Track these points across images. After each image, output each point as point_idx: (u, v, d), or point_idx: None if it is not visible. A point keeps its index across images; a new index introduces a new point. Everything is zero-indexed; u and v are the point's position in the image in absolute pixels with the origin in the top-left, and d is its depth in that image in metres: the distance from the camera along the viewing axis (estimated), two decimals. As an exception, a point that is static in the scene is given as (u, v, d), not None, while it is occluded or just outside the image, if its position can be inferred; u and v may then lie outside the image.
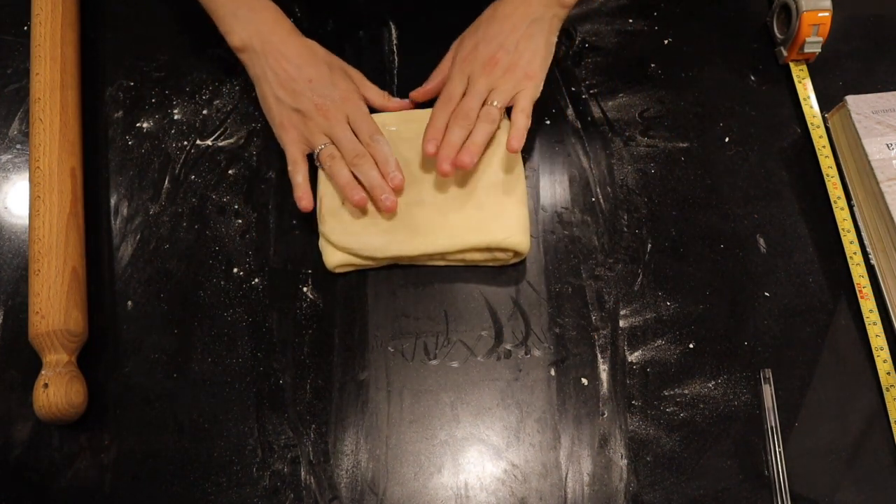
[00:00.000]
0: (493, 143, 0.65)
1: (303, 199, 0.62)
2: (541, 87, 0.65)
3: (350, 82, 0.66)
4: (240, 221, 0.66)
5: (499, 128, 0.64)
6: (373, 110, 0.67)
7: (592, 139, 0.69)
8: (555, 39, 0.66)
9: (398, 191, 0.62)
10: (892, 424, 0.58)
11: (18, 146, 0.70)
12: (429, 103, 0.68)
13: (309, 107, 0.63)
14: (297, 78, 0.63)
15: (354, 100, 0.65)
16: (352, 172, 0.62)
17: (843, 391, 0.60)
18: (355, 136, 0.63)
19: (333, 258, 0.62)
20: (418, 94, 0.68)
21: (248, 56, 0.65)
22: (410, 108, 0.68)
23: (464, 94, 0.64)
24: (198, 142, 0.69)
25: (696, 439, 0.58)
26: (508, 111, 0.64)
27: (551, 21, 0.65)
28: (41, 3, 0.69)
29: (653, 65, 0.73)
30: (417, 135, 0.66)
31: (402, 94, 0.71)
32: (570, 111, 0.71)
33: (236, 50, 0.65)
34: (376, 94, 0.68)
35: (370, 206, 0.62)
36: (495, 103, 0.63)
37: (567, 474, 0.57)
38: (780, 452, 0.57)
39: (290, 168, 0.63)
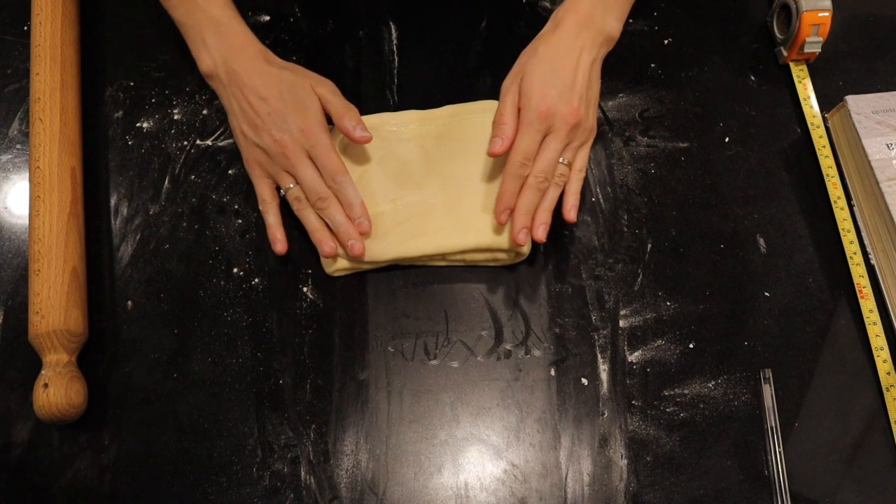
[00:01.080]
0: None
1: (276, 241, 0.61)
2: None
3: (314, 111, 0.60)
4: (240, 221, 0.66)
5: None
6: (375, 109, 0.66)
7: (592, 139, 0.69)
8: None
9: (365, 235, 0.60)
10: (892, 424, 0.58)
11: (18, 146, 0.70)
12: (429, 103, 0.68)
13: (269, 143, 0.59)
14: (259, 111, 0.59)
15: (314, 133, 0.59)
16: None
17: (843, 391, 0.60)
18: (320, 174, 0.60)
19: (332, 263, 0.62)
20: (498, 150, 0.59)
21: (216, 84, 0.62)
22: (368, 142, 0.61)
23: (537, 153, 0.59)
24: (198, 142, 0.69)
25: (696, 439, 0.58)
26: None
27: (601, 60, 0.62)
28: (41, 3, 0.69)
29: (653, 65, 0.73)
30: (417, 135, 0.66)
31: (403, 94, 0.71)
32: (570, 111, 0.71)
33: (205, 77, 0.63)
34: (337, 110, 0.61)
35: (370, 210, 0.62)
36: (563, 160, 0.60)
37: (567, 474, 0.57)
38: (780, 452, 0.57)
39: (260, 207, 0.62)
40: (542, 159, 0.59)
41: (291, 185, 0.60)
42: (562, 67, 0.59)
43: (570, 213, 0.60)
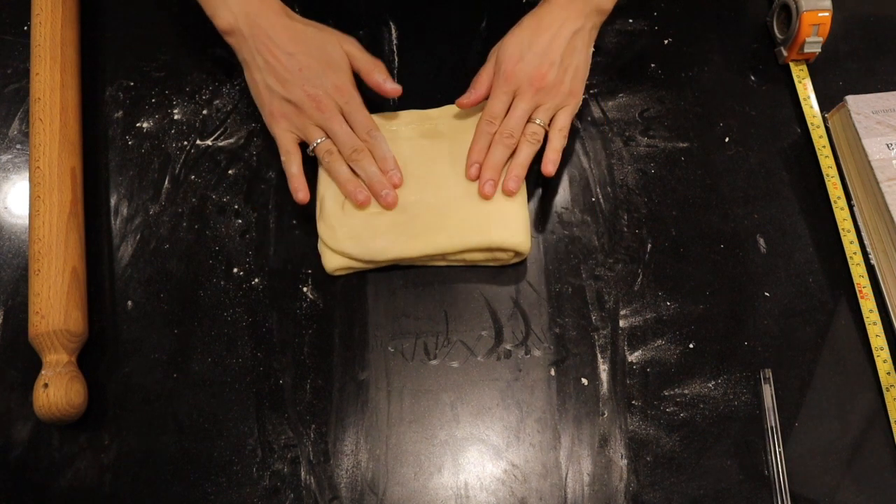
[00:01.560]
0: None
1: (299, 190, 0.62)
2: (580, 104, 0.65)
3: (345, 68, 0.62)
4: (240, 221, 0.66)
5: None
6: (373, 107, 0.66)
7: (592, 139, 0.69)
8: (591, 52, 0.65)
9: (396, 187, 0.62)
10: (892, 424, 0.58)
11: (18, 146, 0.70)
12: (429, 103, 0.68)
13: (301, 98, 0.60)
14: (288, 66, 0.60)
15: (348, 90, 0.62)
16: (350, 168, 0.62)
17: (843, 391, 0.60)
18: (351, 129, 0.62)
19: (333, 262, 0.62)
20: (464, 101, 0.64)
21: (236, 40, 0.62)
22: (398, 94, 0.64)
23: (507, 111, 0.62)
24: (198, 142, 0.69)
25: (696, 439, 0.58)
26: None
27: (591, 32, 0.64)
28: (41, 3, 0.69)
29: (653, 65, 0.73)
30: (417, 134, 0.66)
31: (403, 94, 0.71)
32: (570, 111, 0.71)
33: (223, 33, 0.62)
34: (366, 66, 0.63)
35: (370, 209, 0.62)
36: (538, 121, 0.62)
37: (567, 474, 0.57)
38: (780, 452, 0.57)
39: (283, 158, 0.63)
40: (509, 118, 0.62)
41: (321, 140, 0.61)
42: (539, 35, 0.62)
43: (548, 166, 0.62)
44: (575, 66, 0.63)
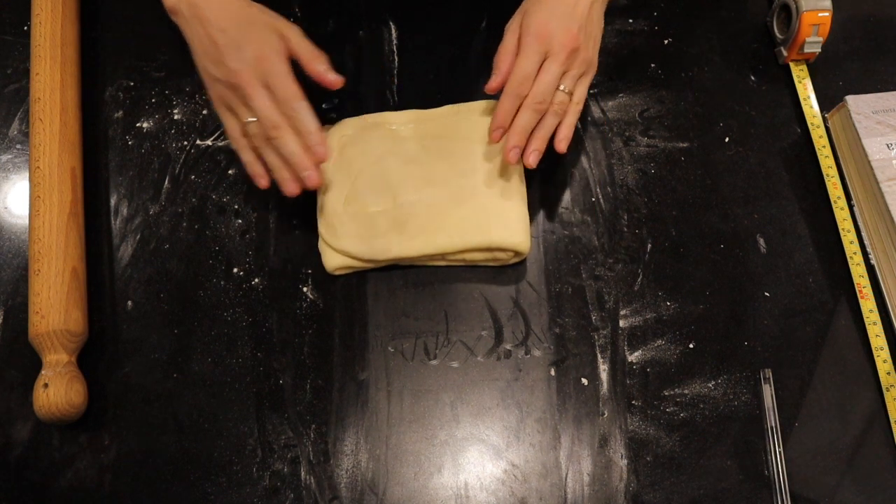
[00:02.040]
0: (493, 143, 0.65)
1: (258, 177, 0.59)
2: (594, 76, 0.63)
3: (273, 41, 0.57)
4: (240, 221, 0.66)
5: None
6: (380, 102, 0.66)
7: (592, 139, 0.69)
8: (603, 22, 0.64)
9: (321, 162, 0.58)
10: (892, 424, 0.58)
11: (18, 146, 0.70)
12: (429, 103, 0.68)
13: (228, 74, 0.56)
14: (219, 43, 0.56)
15: (271, 60, 0.56)
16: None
17: (843, 391, 0.60)
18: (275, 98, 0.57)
19: (333, 261, 0.62)
20: (494, 84, 0.61)
21: (179, 21, 0.59)
22: (341, 85, 0.59)
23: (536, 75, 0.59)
24: (198, 142, 0.69)
25: (696, 439, 0.58)
26: None
27: (602, 5, 0.63)
28: (41, 3, 0.69)
29: (653, 65, 0.73)
30: (417, 134, 0.66)
31: (403, 94, 0.71)
32: (570, 111, 0.71)
33: (168, 12, 0.59)
34: (306, 54, 0.59)
35: (370, 209, 0.62)
36: (563, 87, 0.60)
37: (567, 474, 0.57)
38: (780, 452, 0.57)
39: (232, 146, 0.60)
40: (540, 81, 0.59)
41: (250, 119, 0.57)
42: (562, 3, 0.60)
43: (562, 143, 0.60)
44: (594, 35, 0.62)
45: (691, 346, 0.61)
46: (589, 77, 0.62)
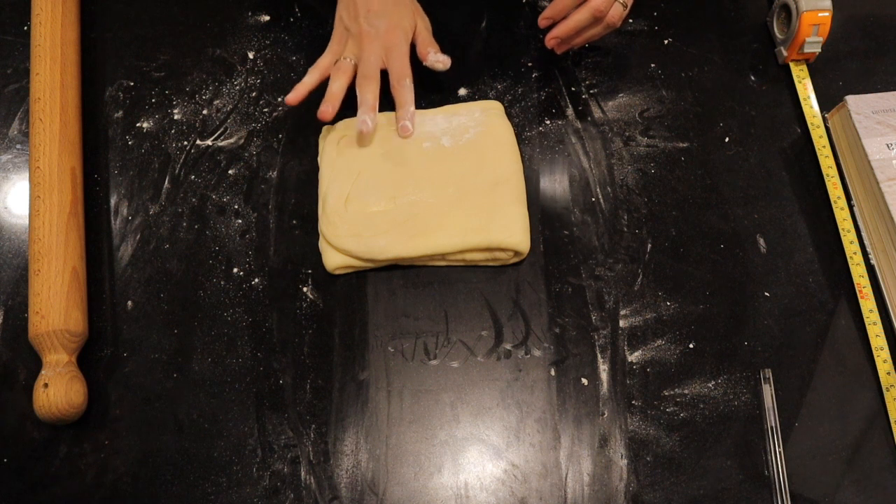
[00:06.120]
0: (493, 143, 0.65)
1: (295, 92, 0.65)
2: None
3: (402, 27, 0.66)
4: (240, 221, 0.66)
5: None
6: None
7: (592, 139, 0.69)
8: None
9: (403, 133, 0.65)
10: (892, 424, 0.58)
11: (18, 146, 0.70)
12: (429, 103, 0.68)
13: (356, 31, 0.65)
14: (361, 4, 0.65)
15: (398, 36, 0.65)
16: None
17: (843, 391, 0.60)
18: (387, 71, 0.65)
19: (333, 260, 0.62)
20: (548, 15, 0.66)
21: None
22: (446, 68, 0.67)
23: None
24: (198, 142, 0.69)
25: (696, 439, 0.58)
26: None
27: None
28: (41, 3, 0.69)
29: (653, 65, 0.73)
30: (417, 134, 0.66)
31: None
32: (570, 111, 0.71)
33: None
34: (424, 40, 0.68)
35: (370, 208, 0.62)
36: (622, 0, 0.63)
37: (567, 474, 0.57)
38: (780, 452, 0.57)
39: (311, 69, 0.66)
40: None
41: (349, 59, 0.65)
42: None
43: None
44: None
45: (691, 346, 0.61)
46: None
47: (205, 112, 0.70)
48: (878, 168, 0.63)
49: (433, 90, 0.71)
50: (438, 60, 0.67)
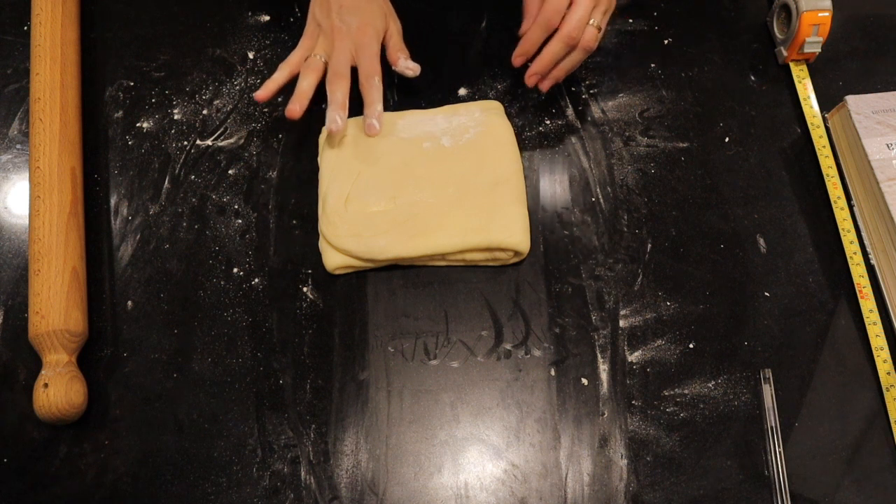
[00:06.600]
0: (493, 143, 0.65)
1: (266, 86, 0.65)
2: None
3: (374, 25, 0.66)
4: (240, 221, 0.66)
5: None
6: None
7: (592, 139, 0.69)
8: None
9: (370, 131, 0.65)
10: (892, 424, 0.58)
11: (18, 146, 0.70)
12: (429, 103, 0.68)
13: (328, 26, 0.65)
14: (332, 4, 0.65)
15: (369, 35, 0.65)
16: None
17: (843, 391, 0.60)
18: (357, 69, 0.65)
19: (333, 260, 0.62)
20: (527, 26, 0.64)
21: None
22: (415, 74, 0.67)
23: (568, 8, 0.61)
24: (198, 142, 0.69)
25: (696, 439, 0.58)
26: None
27: None
28: (41, 3, 0.69)
29: (653, 65, 0.73)
30: (417, 134, 0.66)
31: (403, 93, 0.71)
32: (570, 111, 0.71)
33: None
34: (394, 44, 0.68)
35: (371, 208, 0.62)
36: (593, 22, 0.61)
37: (567, 474, 0.57)
38: (780, 452, 0.57)
39: (281, 64, 0.66)
40: (573, 15, 0.61)
41: (320, 57, 0.65)
42: None
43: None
44: None
45: (691, 346, 0.61)
46: (610, 13, 0.64)
47: (205, 112, 0.70)
48: (878, 168, 0.63)
49: (433, 90, 0.71)
50: (408, 67, 0.67)
